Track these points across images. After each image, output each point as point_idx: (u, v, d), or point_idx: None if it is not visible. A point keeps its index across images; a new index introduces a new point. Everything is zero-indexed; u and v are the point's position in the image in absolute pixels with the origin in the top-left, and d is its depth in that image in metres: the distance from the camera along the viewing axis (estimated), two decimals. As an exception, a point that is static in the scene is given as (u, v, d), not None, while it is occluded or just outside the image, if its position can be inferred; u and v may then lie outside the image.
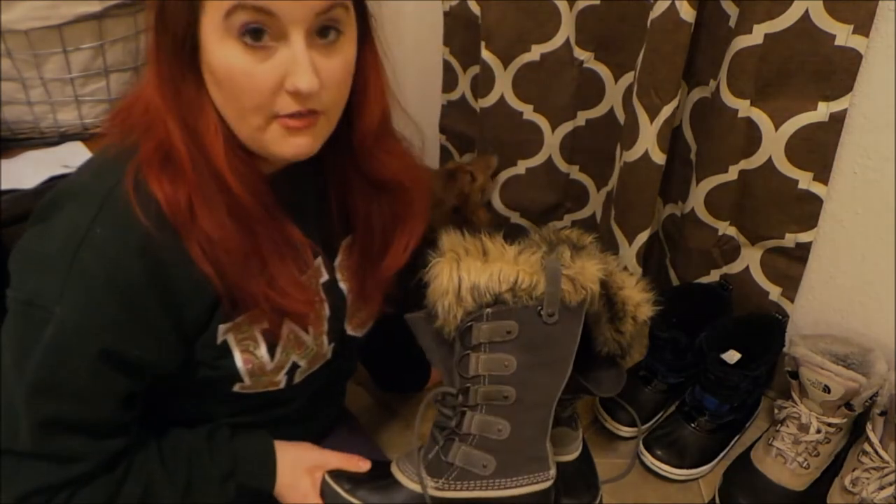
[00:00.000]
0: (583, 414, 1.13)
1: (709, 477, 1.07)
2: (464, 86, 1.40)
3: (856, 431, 1.04)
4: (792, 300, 1.11)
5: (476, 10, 1.26)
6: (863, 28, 0.89)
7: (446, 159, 1.53)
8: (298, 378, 0.78)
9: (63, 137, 1.29)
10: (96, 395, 0.66)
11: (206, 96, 0.63)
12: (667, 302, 0.97)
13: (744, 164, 1.06)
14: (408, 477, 0.81)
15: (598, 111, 1.25)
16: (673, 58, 1.01)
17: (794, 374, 1.02)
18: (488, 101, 1.28)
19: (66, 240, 0.62)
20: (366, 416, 1.12)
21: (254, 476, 0.79)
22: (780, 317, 1.12)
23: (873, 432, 0.96)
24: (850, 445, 1.03)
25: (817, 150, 0.99)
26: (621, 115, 1.21)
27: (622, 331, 0.94)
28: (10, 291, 0.65)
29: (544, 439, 0.82)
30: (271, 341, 0.73)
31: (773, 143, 1.01)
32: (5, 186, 1.11)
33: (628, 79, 1.17)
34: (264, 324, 0.71)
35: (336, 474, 0.82)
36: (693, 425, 1.07)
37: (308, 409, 0.85)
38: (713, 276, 1.18)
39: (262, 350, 0.73)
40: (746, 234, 1.12)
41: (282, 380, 0.76)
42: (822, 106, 0.96)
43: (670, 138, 1.10)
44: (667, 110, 1.04)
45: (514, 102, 1.27)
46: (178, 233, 0.64)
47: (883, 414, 0.96)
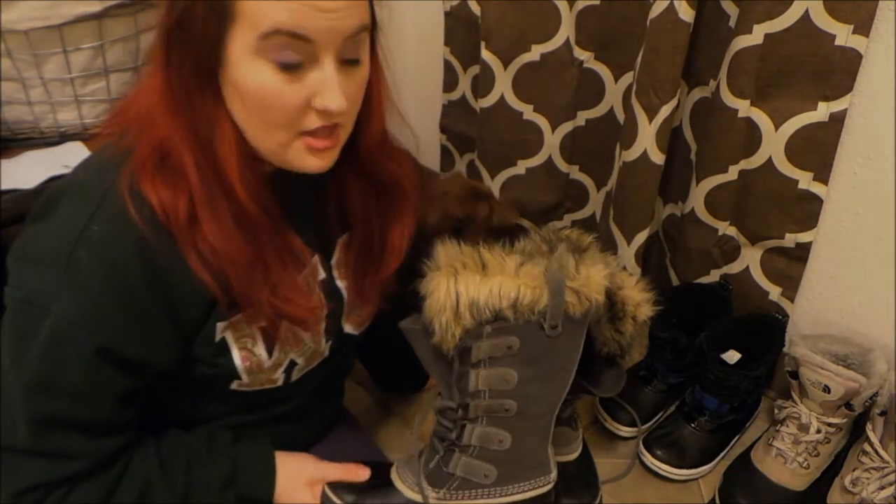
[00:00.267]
0: (583, 414, 1.13)
1: (709, 477, 1.07)
2: (464, 86, 1.40)
3: (856, 431, 1.04)
4: (792, 300, 1.11)
5: (476, 10, 1.26)
6: (863, 28, 0.89)
7: (446, 159, 1.53)
8: (296, 376, 0.78)
9: (63, 137, 1.29)
10: (93, 393, 0.66)
11: (223, 109, 0.64)
12: (667, 302, 0.97)
13: (744, 164, 1.06)
14: (408, 486, 0.81)
15: (597, 111, 1.25)
16: (672, 58, 1.01)
17: (794, 374, 1.02)
18: (488, 101, 1.27)
19: (63, 238, 0.63)
20: (366, 416, 1.12)
21: (253, 485, 0.78)
22: (780, 317, 1.12)
23: (873, 432, 0.96)
24: (850, 445, 1.03)
25: (817, 150, 0.99)
26: (621, 115, 1.21)
27: (622, 331, 0.94)
28: (9, 289, 0.65)
29: (546, 445, 0.82)
30: (269, 339, 0.73)
31: (773, 143, 1.01)
32: (5, 186, 1.11)
33: (628, 79, 1.17)
34: (262, 322, 0.71)
35: (336, 486, 0.81)
36: (693, 425, 1.07)
37: (306, 408, 0.85)
38: (713, 276, 1.18)
39: (260, 348, 0.73)
40: (746, 234, 1.12)
41: (279, 377, 0.76)
42: (822, 106, 0.96)
43: (670, 138, 1.10)
44: (665, 110, 1.04)
45: (514, 102, 1.27)
46: (173, 237, 0.64)
47: (883, 414, 0.96)
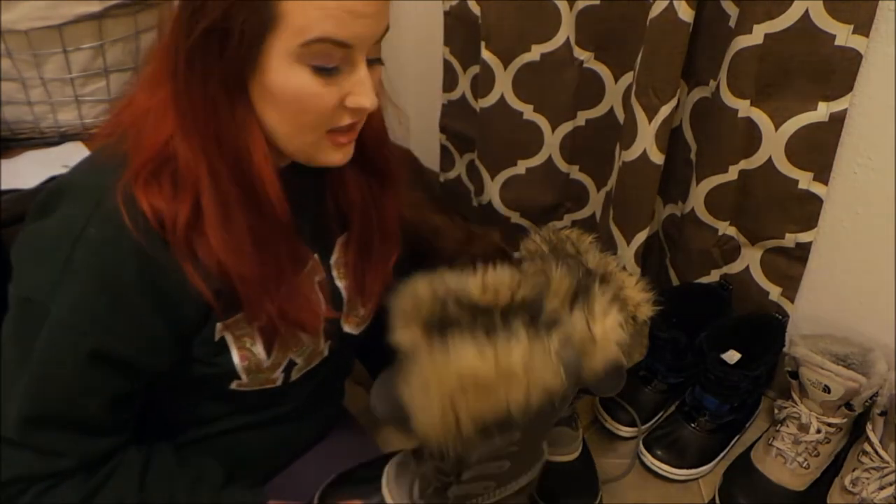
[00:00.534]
0: (583, 414, 1.13)
1: (709, 477, 1.07)
2: (464, 85, 1.40)
3: (856, 431, 1.04)
4: (792, 300, 1.11)
5: (476, 10, 1.26)
6: (863, 28, 0.89)
7: (446, 159, 1.52)
8: (295, 376, 0.78)
9: (63, 137, 1.29)
10: (86, 393, 0.66)
11: (254, 116, 0.64)
12: (667, 302, 0.97)
13: (744, 164, 1.06)
14: None
15: (597, 111, 1.25)
16: (671, 58, 1.01)
17: (794, 374, 1.02)
18: (488, 101, 1.27)
19: (60, 238, 0.63)
20: (366, 417, 1.12)
21: None
22: (780, 317, 1.12)
23: (873, 432, 0.96)
24: (850, 445, 1.03)
25: (817, 150, 0.99)
26: (621, 115, 1.21)
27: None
28: (12, 287, 0.66)
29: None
30: (268, 339, 0.73)
31: (773, 143, 1.01)
32: (5, 186, 1.11)
33: (628, 79, 1.17)
34: (262, 322, 0.71)
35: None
36: (693, 425, 1.07)
37: (306, 408, 0.85)
38: (713, 276, 1.18)
39: (259, 347, 0.73)
40: (746, 234, 1.12)
41: (279, 377, 0.76)
42: (822, 106, 0.96)
43: (670, 138, 1.10)
44: (665, 110, 1.04)
45: (514, 102, 1.27)
46: (168, 244, 0.64)
47: (883, 414, 0.96)
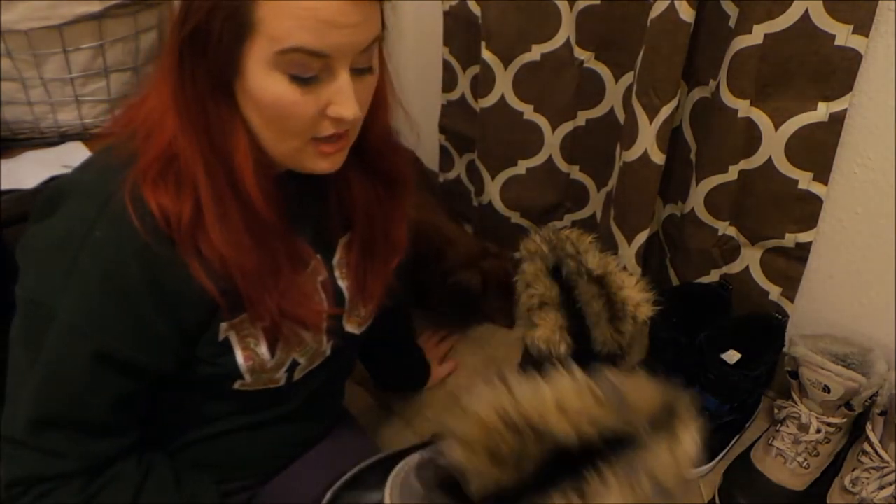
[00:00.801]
0: (583, 414, 1.13)
1: (709, 477, 1.07)
2: (464, 86, 1.40)
3: (856, 431, 1.04)
4: (792, 300, 1.11)
5: (476, 10, 1.26)
6: (863, 28, 0.89)
7: (445, 159, 1.52)
8: (298, 375, 0.78)
9: (63, 137, 1.29)
10: (91, 395, 0.67)
11: (238, 117, 0.64)
12: (667, 302, 0.98)
13: (744, 164, 1.06)
14: None
15: (598, 111, 1.25)
16: (672, 58, 1.01)
17: (794, 374, 1.02)
18: (489, 101, 1.27)
19: (66, 240, 0.63)
20: (366, 416, 1.12)
21: None
22: (780, 317, 1.11)
23: (873, 432, 0.96)
24: (850, 445, 1.03)
25: (817, 150, 0.99)
26: (622, 115, 1.21)
27: (622, 331, 0.94)
28: (19, 288, 0.66)
29: None
30: (272, 339, 0.73)
31: (773, 143, 1.01)
32: (5, 186, 1.12)
33: (628, 79, 1.17)
34: (265, 321, 0.71)
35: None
36: (693, 425, 1.07)
37: (307, 409, 0.85)
38: (713, 276, 1.18)
39: (263, 347, 0.73)
40: (746, 234, 1.12)
41: (282, 377, 0.76)
42: (822, 106, 0.96)
43: (670, 138, 1.10)
44: (666, 110, 1.04)
45: (514, 102, 1.27)
46: (174, 243, 0.64)
47: (883, 414, 0.96)
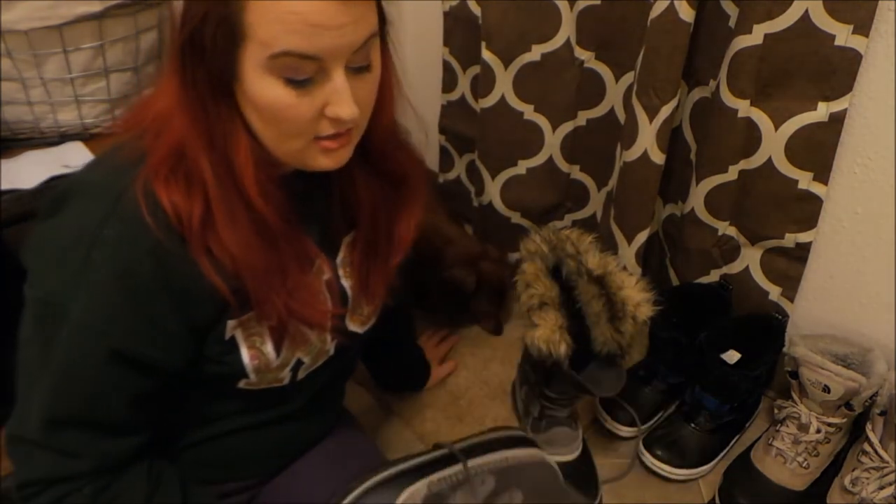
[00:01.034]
0: (583, 414, 1.13)
1: (709, 477, 1.07)
2: (463, 86, 1.40)
3: (856, 431, 1.04)
4: (792, 300, 1.11)
5: (476, 10, 1.26)
6: (863, 28, 0.89)
7: (445, 160, 1.52)
8: (302, 374, 0.79)
9: (63, 137, 1.29)
10: (106, 393, 0.67)
11: (238, 119, 0.64)
12: (667, 302, 0.98)
13: (744, 164, 1.06)
14: None
15: (598, 111, 1.25)
16: (672, 58, 1.01)
17: (794, 374, 1.02)
18: (489, 102, 1.27)
19: (77, 239, 0.63)
20: (366, 416, 1.12)
21: None
22: (780, 317, 1.12)
23: (873, 432, 0.96)
24: (849, 445, 1.03)
25: (817, 150, 0.99)
26: (622, 115, 1.21)
27: (622, 331, 0.94)
28: (27, 288, 0.66)
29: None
30: (278, 338, 0.73)
31: (773, 143, 1.01)
32: (5, 186, 1.11)
33: (629, 79, 1.17)
34: (272, 321, 0.71)
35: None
36: (693, 425, 1.07)
37: (309, 408, 0.85)
38: (713, 276, 1.18)
39: (269, 347, 0.73)
40: (746, 234, 1.12)
41: (286, 376, 0.77)
42: (822, 106, 0.96)
43: (670, 138, 1.10)
44: (666, 110, 1.04)
45: (514, 102, 1.27)
46: (186, 241, 0.64)
47: (883, 414, 0.96)
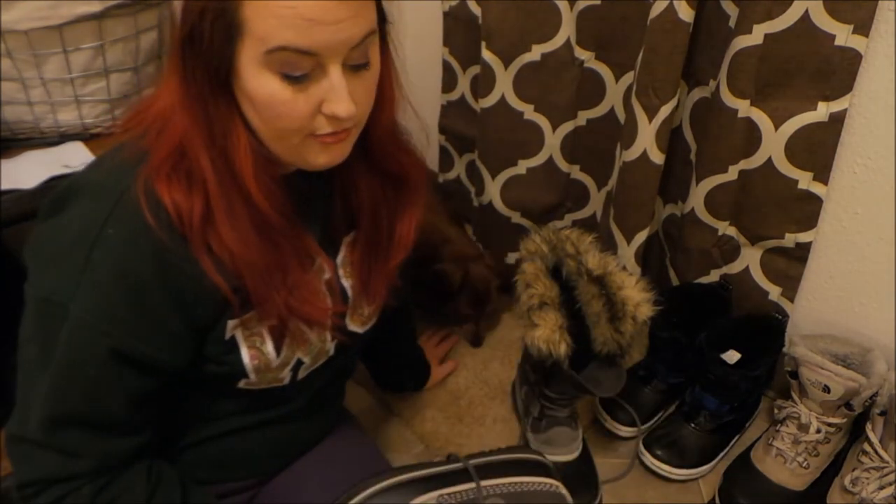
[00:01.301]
0: (583, 414, 1.13)
1: (709, 477, 1.07)
2: (463, 86, 1.40)
3: (856, 431, 1.04)
4: (792, 300, 1.11)
5: (476, 10, 1.26)
6: (863, 28, 0.89)
7: (445, 160, 1.52)
8: (302, 374, 0.79)
9: (63, 137, 1.29)
10: (107, 392, 0.67)
11: (237, 116, 0.64)
12: (667, 302, 0.98)
13: (744, 164, 1.06)
14: None
15: (598, 111, 1.25)
16: (671, 58, 1.01)
17: (794, 374, 1.02)
18: (489, 102, 1.27)
19: (78, 239, 0.63)
20: (366, 416, 1.12)
21: None
22: (780, 317, 1.12)
23: (873, 432, 0.96)
24: (850, 445, 1.03)
25: (817, 150, 0.99)
26: (622, 115, 1.21)
27: (622, 331, 0.94)
28: (28, 287, 0.66)
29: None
30: (278, 337, 0.73)
31: (773, 143, 1.01)
32: (5, 186, 1.12)
33: (629, 78, 1.17)
34: (272, 320, 0.71)
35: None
36: (693, 425, 1.07)
37: (309, 408, 0.86)
38: (713, 276, 1.18)
39: (269, 346, 0.73)
40: (746, 234, 1.12)
41: (286, 376, 0.77)
42: (821, 106, 0.96)
43: (670, 138, 1.10)
44: (665, 110, 1.04)
45: (514, 102, 1.27)
46: (187, 239, 0.64)
47: (883, 414, 0.96)
